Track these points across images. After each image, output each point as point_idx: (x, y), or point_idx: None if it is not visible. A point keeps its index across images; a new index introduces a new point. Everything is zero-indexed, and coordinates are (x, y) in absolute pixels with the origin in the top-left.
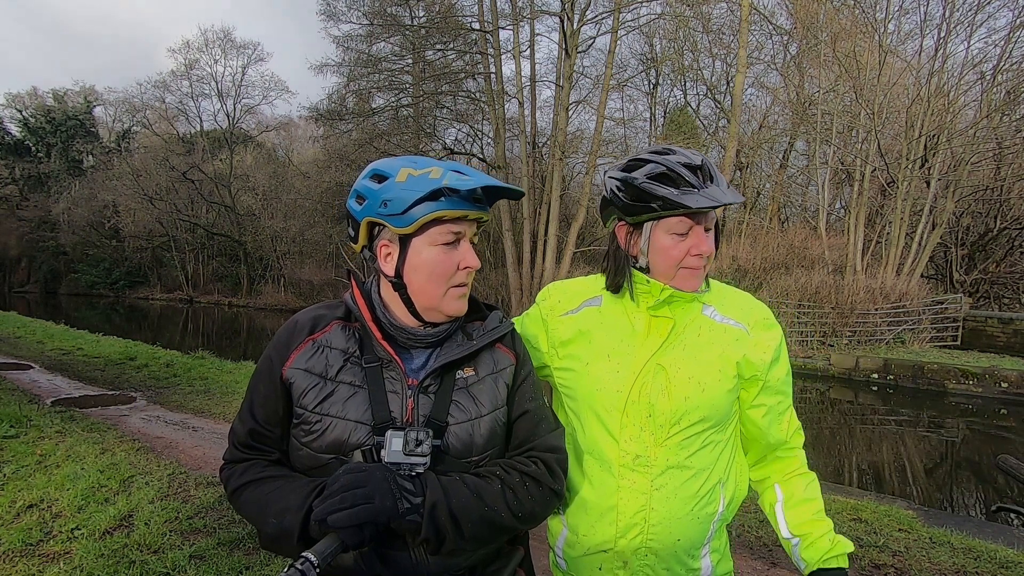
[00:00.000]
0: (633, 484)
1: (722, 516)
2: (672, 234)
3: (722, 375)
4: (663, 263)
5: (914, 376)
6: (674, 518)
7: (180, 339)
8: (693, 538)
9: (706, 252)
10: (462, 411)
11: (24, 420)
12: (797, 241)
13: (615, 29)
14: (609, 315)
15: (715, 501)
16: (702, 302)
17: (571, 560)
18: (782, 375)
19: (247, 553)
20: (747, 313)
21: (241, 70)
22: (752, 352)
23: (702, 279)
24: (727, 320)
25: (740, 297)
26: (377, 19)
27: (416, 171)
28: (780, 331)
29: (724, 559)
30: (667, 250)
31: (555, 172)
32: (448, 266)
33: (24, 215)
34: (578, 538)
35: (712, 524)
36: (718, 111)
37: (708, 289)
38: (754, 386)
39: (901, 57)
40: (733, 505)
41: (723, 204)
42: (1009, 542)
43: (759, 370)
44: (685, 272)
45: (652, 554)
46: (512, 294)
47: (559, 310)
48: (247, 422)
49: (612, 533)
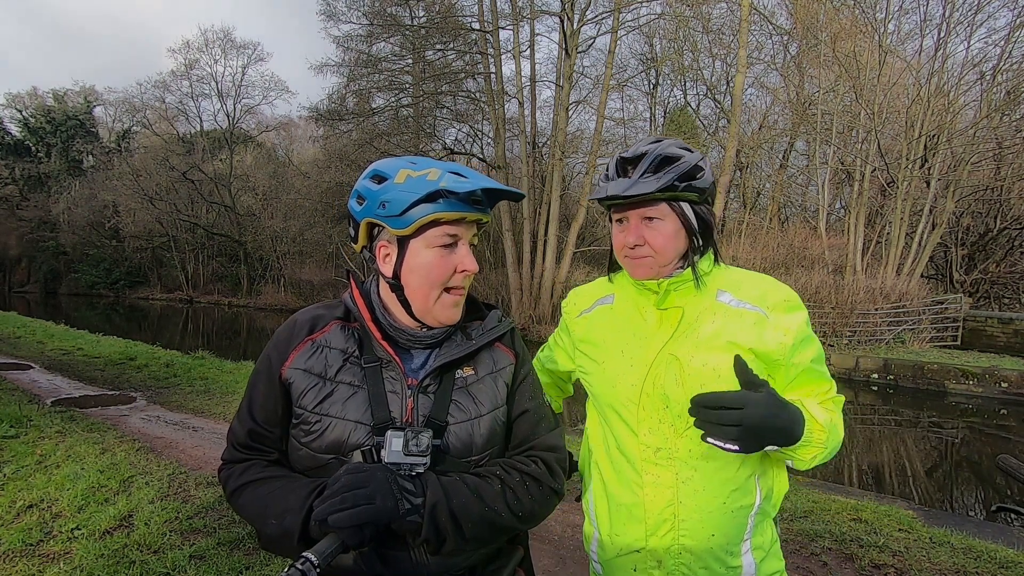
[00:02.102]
0: (657, 479)
1: (761, 509)
2: (614, 222)
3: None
4: (616, 251)
5: (914, 376)
6: (705, 512)
7: (180, 339)
8: (729, 533)
9: (630, 242)
10: (462, 411)
11: (24, 420)
12: (797, 241)
13: (615, 29)
14: (621, 312)
15: (750, 493)
16: (717, 287)
17: (605, 563)
18: (807, 358)
19: (247, 553)
20: (765, 296)
21: (241, 70)
22: (770, 335)
23: (649, 268)
24: (743, 304)
25: (760, 280)
26: (377, 19)
27: (415, 172)
28: (803, 313)
29: (771, 557)
30: (614, 238)
31: (555, 172)
32: (445, 269)
33: (24, 215)
34: (609, 539)
35: (749, 518)
36: (718, 111)
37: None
38: (779, 371)
39: (901, 57)
40: (774, 498)
41: (605, 197)
42: (1009, 542)
43: (780, 354)
44: (627, 262)
45: (686, 552)
46: (512, 294)
47: (575, 311)
48: (246, 422)
49: (642, 531)
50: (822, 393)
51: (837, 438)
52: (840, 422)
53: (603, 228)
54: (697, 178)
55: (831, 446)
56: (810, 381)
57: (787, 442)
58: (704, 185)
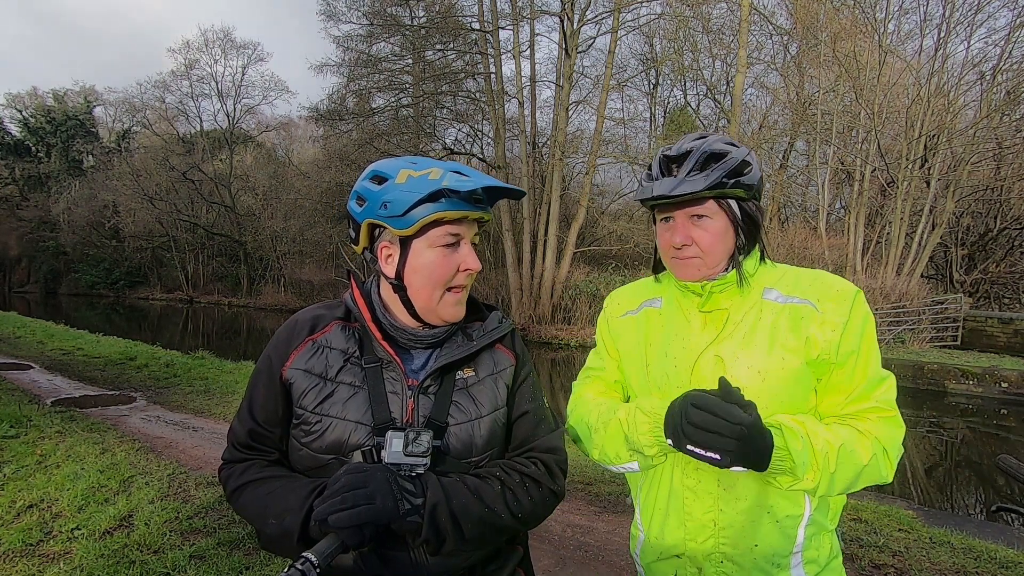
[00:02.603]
0: (699, 483)
1: (812, 520)
2: (660, 222)
3: (784, 361)
4: (661, 252)
5: (914, 376)
6: (747, 520)
7: (180, 339)
8: (774, 544)
9: (677, 242)
10: (462, 412)
11: (24, 420)
12: (797, 241)
13: (615, 29)
14: (668, 314)
15: (798, 503)
16: (764, 285)
17: (647, 566)
18: (848, 348)
19: (247, 553)
20: (814, 287)
21: (241, 70)
22: (819, 331)
23: (697, 269)
24: (791, 299)
25: (809, 274)
26: (377, 19)
27: (416, 172)
28: (853, 299)
29: (828, 572)
30: (660, 238)
31: (555, 172)
32: (448, 268)
33: (24, 215)
34: (650, 542)
35: (799, 529)
36: (718, 111)
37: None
38: (826, 371)
39: (901, 57)
40: (828, 511)
41: (653, 196)
42: (1009, 542)
43: (828, 352)
44: (674, 263)
45: (728, 560)
46: (512, 294)
47: (619, 311)
48: (246, 422)
49: (681, 536)
50: (856, 398)
51: (847, 469)
52: (863, 447)
53: (603, 228)
54: (745, 174)
55: (829, 481)
56: (843, 379)
57: (755, 468)
58: (752, 181)
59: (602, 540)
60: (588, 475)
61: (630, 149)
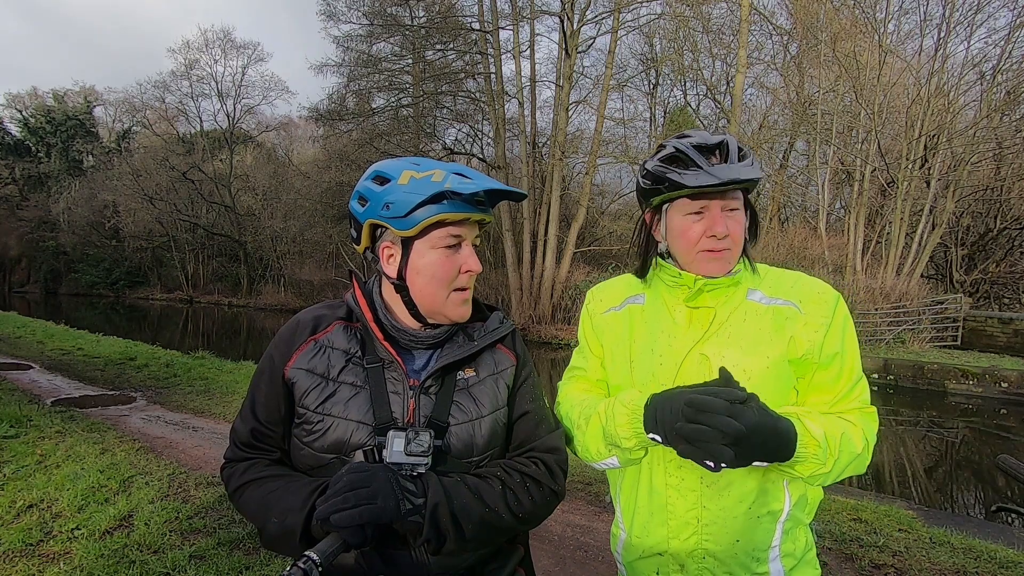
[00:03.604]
0: (681, 481)
1: (791, 515)
2: (686, 215)
3: (769, 361)
4: (682, 246)
5: (914, 376)
6: (729, 517)
7: (180, 339)
8: (755, 540)
9: (721, 232)
10: (463, 412)
11: (24, 420)
12: (797, 241)
13: (615, 29)
14: (652, 311)
15: (779, 499)
16: (747, 287)
17: (629, 564)
18: (832, 350)
19: (247, 553)
20: (796, 288)
21: (241, 70)
22: (802, 331)
23: (727, 263)
24: (775, 301)
25: (790, 276)
26: (377, 19)
27: (418, 174)
28: (835, 301)
29: (803, 565)
30: (684, 232)
31: (555, 172)
32: (450, 269)
33: (24, 215)
34: (632, 541)
35: (778, 524)
36: (718, 111)
37: (755, 273)
38: (808, 370)
39: (901, 57)
40: (806, 505)
41: (725, 181)
42: (1009, 542)
43: (812, 353)
44: (704, 255)
45: (710, 556)
46: (512, 294)
47: (602, 308)
48: (249, 421)
49: (664, 534)
50: (841, 398)
51: (847, 455)
52: (856, 436)
53: (603, 228)
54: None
55: (834, 466)
56: (828, 380)
57: (777, 458)
58: (760, 175)
59: (602, 540)
60: (588, 475)
61: (630, 149)
